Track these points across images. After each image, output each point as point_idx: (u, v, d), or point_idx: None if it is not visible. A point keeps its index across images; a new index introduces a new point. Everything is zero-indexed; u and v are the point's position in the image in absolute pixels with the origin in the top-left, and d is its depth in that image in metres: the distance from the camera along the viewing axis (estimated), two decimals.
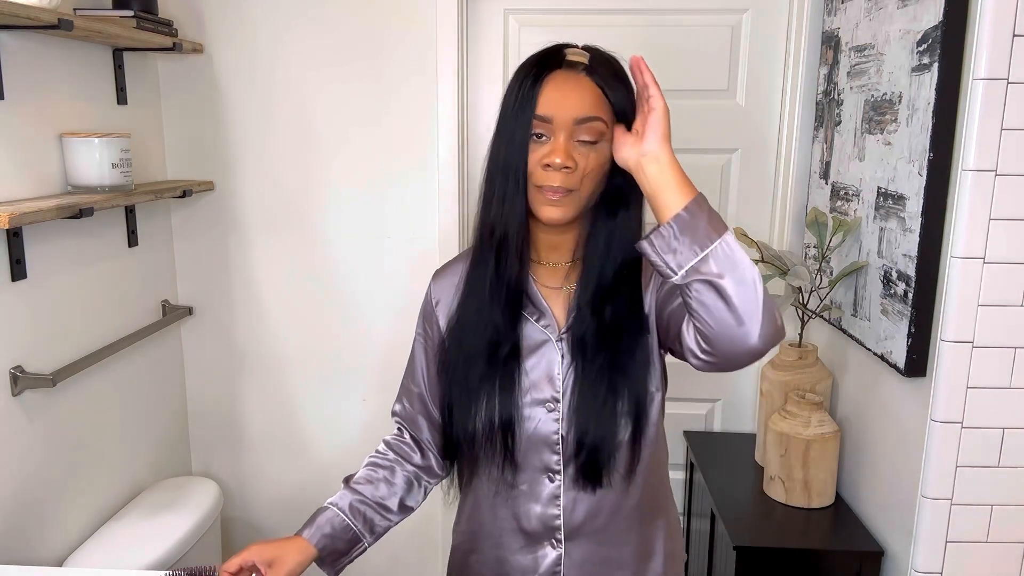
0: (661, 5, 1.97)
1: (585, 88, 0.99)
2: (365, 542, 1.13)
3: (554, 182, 0.98)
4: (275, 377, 2.15)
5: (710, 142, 2.04)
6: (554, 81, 0.99)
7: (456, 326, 1.11)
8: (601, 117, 0.98)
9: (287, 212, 2.05)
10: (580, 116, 0.98)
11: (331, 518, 1.11)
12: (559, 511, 1.09)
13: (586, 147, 0.99)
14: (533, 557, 1.12)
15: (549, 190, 0.99)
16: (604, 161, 1.00)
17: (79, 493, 1.67)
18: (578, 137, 0.98)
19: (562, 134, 0.98)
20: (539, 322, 1.09)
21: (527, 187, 1.01)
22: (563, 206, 1.00)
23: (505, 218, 1.03)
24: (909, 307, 1.41)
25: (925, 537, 1.41)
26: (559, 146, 0.98)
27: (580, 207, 1.02)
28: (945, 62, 1.31)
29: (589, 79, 1.00)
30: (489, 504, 1.14)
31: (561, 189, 0.98)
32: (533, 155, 0.99)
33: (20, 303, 1.47)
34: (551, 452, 1.07)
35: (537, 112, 0.98)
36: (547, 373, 1.08)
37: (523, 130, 0.99)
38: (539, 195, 1.00)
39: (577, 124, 0.98)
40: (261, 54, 1.97)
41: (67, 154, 1.57)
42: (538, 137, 0.99)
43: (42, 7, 1.35)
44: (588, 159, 0.99)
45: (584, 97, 0.98)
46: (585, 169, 0.99)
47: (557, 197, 0.99)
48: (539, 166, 0.99)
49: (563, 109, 0.98)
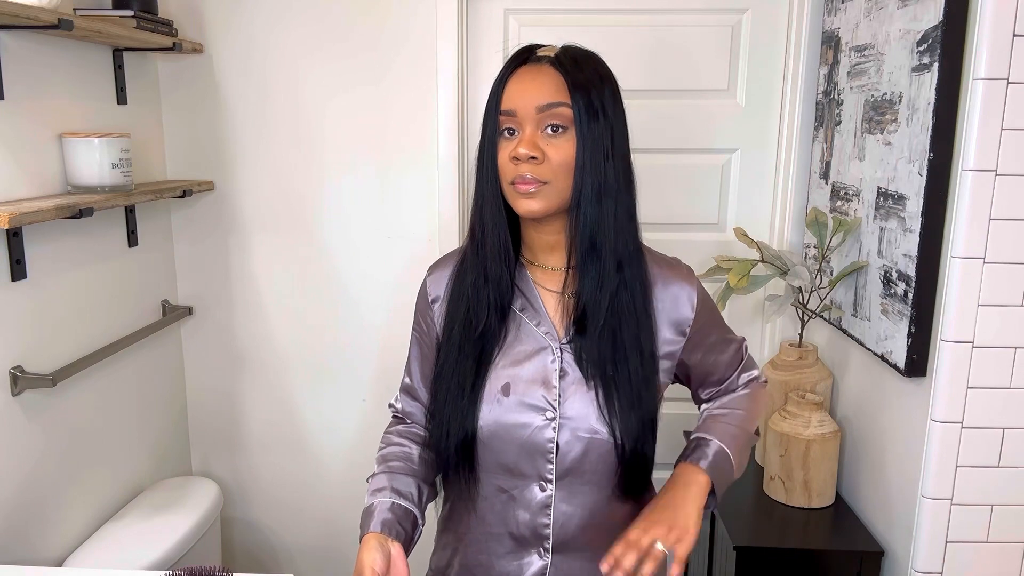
0: (661, 5, 1.97)
1: (547, 76, 1.00)
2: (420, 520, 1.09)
3: (523, 172, 0.98)
4: (275, 377, 2.15)
5: (710, 142, 2.04)
6: (517, 76, 1.01)
7: (446, 326, 1.11)
8: (565, 102, 0.98)
9: (287, 212, 2.05)
10: (542, 103, 0.98)
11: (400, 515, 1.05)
12: (549, 520, 1.07)
13: (556, 137, 0.99)
14: (518, 564, 1.09)
15: (520, 182, 0.99)
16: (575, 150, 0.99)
17: (79, 493, 1.67)
18: (545, 125, 0.99)
19: (528, 125, 0.99)
20: (539, 327, 1.07)
21: (501, 185, 1.02)
22: (537, 198, 0.99)
23: (484, 218, 1.05)
24: (909, 307, 1.41)
25: (925, 537, 1.41)
26: (524, 137, 0.99)
27: (558, 200, 1.01)
28: (945, 62, 1.31)
29: (552, 68, 1.00)
30: (476, 507, 1.11)
31: (533, 180, 0.98)
32: (502, 152, 1.01)
33: (20, 303, 1.47)
34: (544, 460, 1.05)
35: (502, 108, 1.00)
36: (543, 380, 1.05)
37: (492, 129, 1.01)
38: (513, 190, 1.01)
39: (540, 112, 0.98)
40: (261, 54, 1.97)
41: (67, 154, 1.57)
42: (509, 133, 1.00)
43: (42, 7, 1.35)
44: (559, 149, 0.99)
45: (545, 84, 0.99)
46: (556, 159, 0.98)
47: (530, 188, 0.99)
48: (508, 161, 1.00)
49: (525, 99, 0.99)
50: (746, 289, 1.73)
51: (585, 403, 1.04)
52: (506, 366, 1.06)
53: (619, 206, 1.02)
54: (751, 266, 1.72)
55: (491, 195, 1.03)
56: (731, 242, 1.97)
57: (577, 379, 1.05)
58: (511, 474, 1.07)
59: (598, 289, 1.03)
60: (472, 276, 1.07)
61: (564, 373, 1.05)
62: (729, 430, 1.12)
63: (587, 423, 1.04)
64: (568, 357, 1.06)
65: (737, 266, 1.71)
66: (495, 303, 1.06)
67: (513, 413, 1.04)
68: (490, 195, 1.04)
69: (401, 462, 1.11)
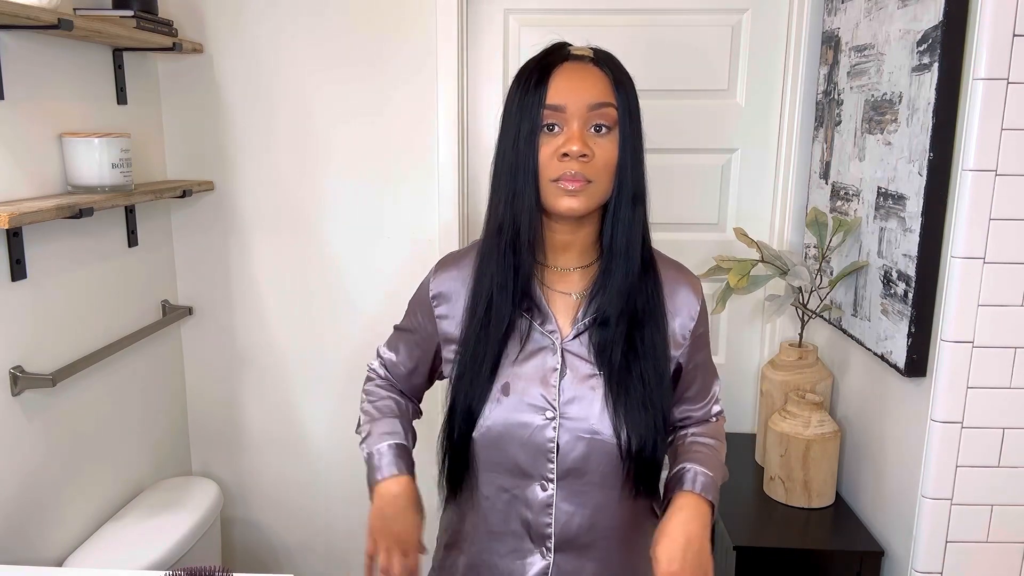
0: (661, 5, 1.97)
1: (595, 75, 0.99)
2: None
3: (571, 169, 0.96)
4: (275, 377, 2.15)
5: (710, 142, 2.04)
6: (563, 71, 0.99)
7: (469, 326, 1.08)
8: (613, 103, 0.98)
9: (287, 212, 2.05)
10: (594, 102, 0.97)
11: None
12: (551, 520, 1.06)
13: (601, 137, 0.98)
14: (521, 564, 1.09)
15: (567, 179, 0.97)
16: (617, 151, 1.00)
17: (79, 493, 1.67)
18: (592, 124, 0.98)
19: (576, 122, 0.97)
20: (543, 326, 1.06)
21: (539, 182, 0.99)
22: (581, 196, 0.98)
23: (515, 214, 1.01)
24: (909, 307, 1.41)
25: (925, 537, 1.41)
26: (574, 133, 0.97)
27: (598, 200, 1.01)
28: (945, 62, 1.31)
29: (598, 68, 1.00)
30: (478, 506, 1.11)
31: (580, 177, 0.97)
32: (545, 148, 0.98)
33: (20, 303, 1.47)
34: (545, 460, 1.04)
35: (548, 102, 0.97)
36: (542, 379, 1.05)
37: (532, 123, 0.98)
38: (554, 188, 0.98)
39: (591, 110, 0.97)
40: (261, 54, 1.97)
41: (67, 154, 1.56)
42: (549, 129, 0.98)
43: (42, 7, 1.35)
44: (604, 149, 0.98)
45: (595, 83, 0.99)
46: (602, 159, 0.98)
47: (576, 186, 0.97)
48: (554, 158, 0.97)
49: (576, 96, 0.97)
50: (746, 289, 1.73)
51: (587, 404, 1.04)
52: (507, 365, 1.06)
53: (646, 209, 1.04)
54: (751, 266, 1.72)
55: (529, 190, 0.99)
56: (731, 242, 1.97)
57: (580, 379, 1.04)
58: (512, 473, 1.06)
59: (621, 290, 1.03)
60: (496, 274, 1.04)
61: (565, 373, 1.05)
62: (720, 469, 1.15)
63: (588, 423, 1.03)
64: (571, 357, 1.05)
65: (737, 266, 1.71)
66: (518, 301, 1.05)
67: (513, 412, 1.04)
68: (528, 190, 0.99)
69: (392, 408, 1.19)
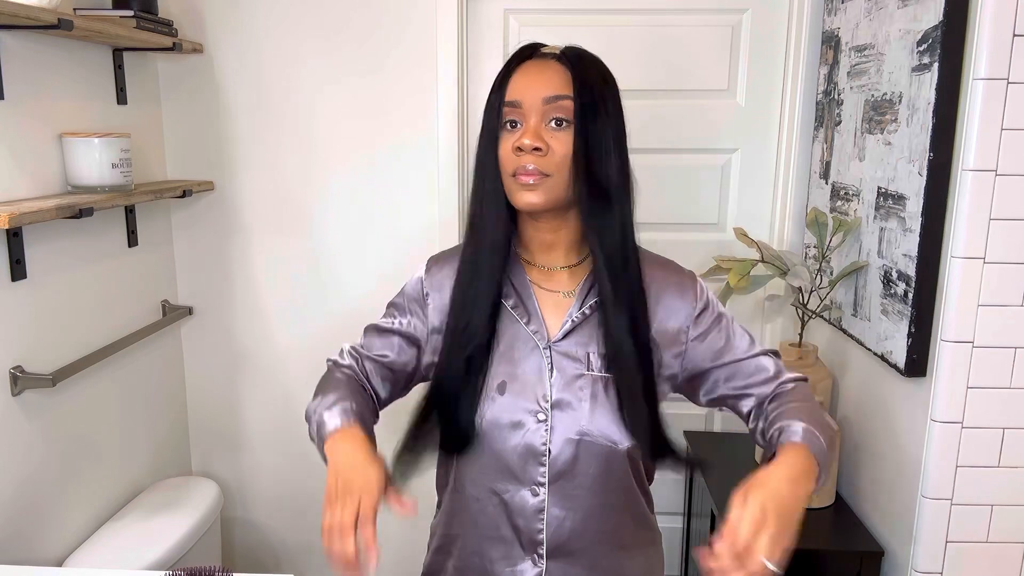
0: (661, 5, 1.97)
1: (553, 70, 1.00)
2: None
3: (526, 163, 0.97)
4: (275, 377, 2.15)
5: (710, 142, 2.04)
6: (523, 68, 1.01)
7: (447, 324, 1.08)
8: (570, 96, 0.98)
9: (287, 212, 2.05)
10: (549, 95, 0.98)
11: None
12: (542, 525, 1.05)
13: (560, 130, 0.98)
14: (512, 571, 1.07)
15: (523, 173, 0.97)
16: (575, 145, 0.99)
17: (79, 493, 1.67)
18: (550, 118, 0.98)
19: (532, 116, 0.98)
20: (528, 326, 1.05)
21: (501, 178, 1.01)
22: (539, 191, 0.98)
23: (483, 212, 1.03)
24: (909, 307, 1.41)
25: (925, 537, 1.41)
26: (528, 128, 0.98)
27: (557, 194, 0.99)
28: (945, 62, 1.31)
29: (558, 63, 1.00)
30: (470, 510, 1.09)
31: (535, 172, 0.97)
32: (504, 144, 1.00)
33: (20, 303, 1.47)
34: (536, 463, 1.03)
35: (507, 99, 0.99)
36: (536, 380, 1.03)
37: (494, 121, 1.00)
38: (513, 183, 0.99)
39: (546, 103, 0.98)
40: (261, 54, 1.97)
41: (67, 154, 1.57)
42: (512, 126, 1.00)
43: (42, 7, 1.35)
44: (562, 143, 0.98)
45: (552, 78, 0.99)
46: (561, 152, 0.98)
47: (531, 180, 0.97)
48: (511, 152, 0.99)
49: (532, 91, 0.98)
50: (746, 289, 1.73)
51: (575, 405, 1.02)
52: (502, 364, 1.05)
53: (619, 206, 1.01)
54: (751, 266, 1.72)
55: (492, 189, 1.02)
56: (731, 242, 1.97)
57: (568, 381, 1.03)
58: (503, 477, 1.05)
59: (604, 290, 1.02)
60: (467, 273, 1.06)
61: (553, 374, 1.04)
62: (817, 417, 1.02)
63: (577, 426, 1.02)
64: (558, 358, 1.04)
65: (737, 266, 1.71)
66: (485, 300, 1.04)
67: (507, 412, 1.03)
68: (491, 189, 1.02)
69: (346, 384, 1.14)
